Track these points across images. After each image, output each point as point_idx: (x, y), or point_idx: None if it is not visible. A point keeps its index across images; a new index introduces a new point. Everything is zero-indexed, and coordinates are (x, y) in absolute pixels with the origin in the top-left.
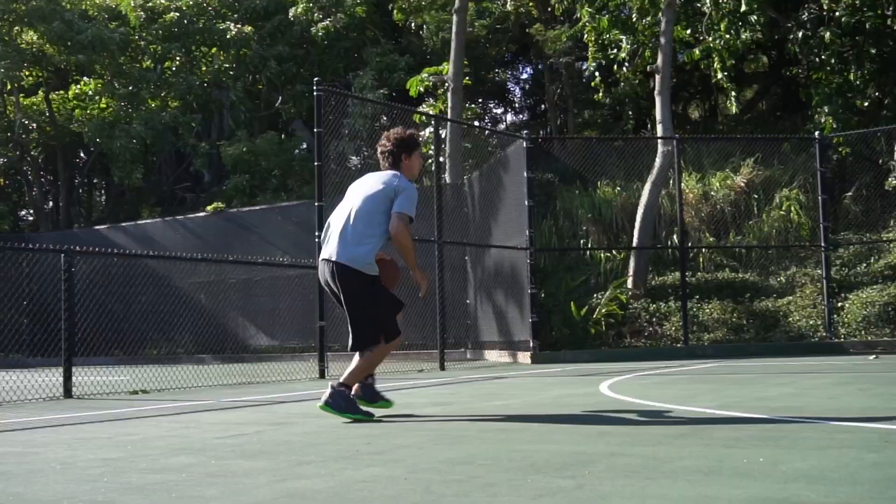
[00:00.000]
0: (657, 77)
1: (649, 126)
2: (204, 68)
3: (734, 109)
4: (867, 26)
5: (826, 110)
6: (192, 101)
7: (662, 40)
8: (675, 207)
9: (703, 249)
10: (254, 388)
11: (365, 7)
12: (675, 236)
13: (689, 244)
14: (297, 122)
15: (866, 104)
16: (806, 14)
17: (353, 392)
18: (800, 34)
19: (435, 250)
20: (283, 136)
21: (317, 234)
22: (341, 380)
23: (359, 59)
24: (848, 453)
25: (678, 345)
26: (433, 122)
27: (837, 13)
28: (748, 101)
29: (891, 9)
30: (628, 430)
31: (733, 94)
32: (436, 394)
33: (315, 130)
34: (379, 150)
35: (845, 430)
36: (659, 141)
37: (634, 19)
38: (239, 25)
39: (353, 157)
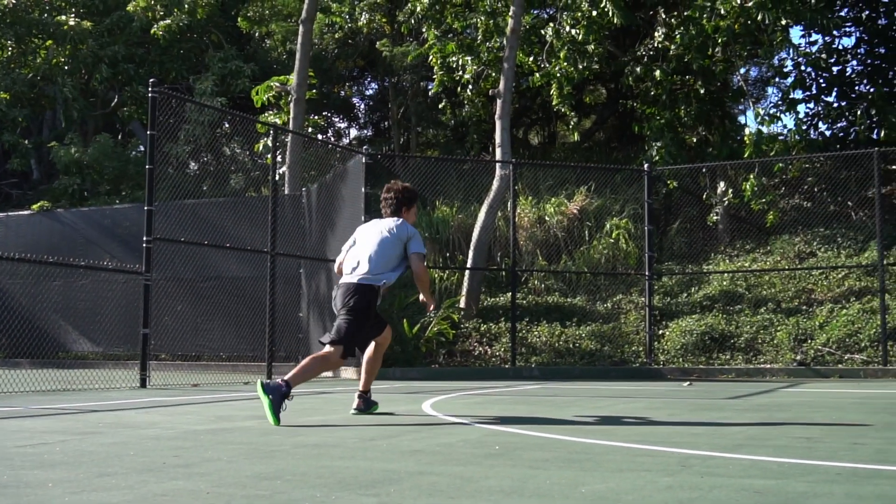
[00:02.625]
0: (499, 101)
1: (491, 149)
2: (39, 60)
3: (575, 137)
4: (694, 66)
5: (657, 144)
6: (22, 95)
7: (505, 66)
8: (510, 230)
9: (536, 273)
10: (69, 395)
11: (207, 9)
12: (508, 258)
13: (523, 267)
14: (136, 124)
15: (694, 140)
16: (642, 50)
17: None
18: (637, 69)
19: (267, 261)
20: (119, 136)
21: (145, 238)
22: (287, 376)
23: (201, 64)
24: (645, 476)
25: (506, 366)
26: (272, 132)
27: (671, 52)
28: (586, 130)
29: (718, 51)
30: (441, 449)
31: (574, 122)
32: (257, 407)
33: (148, 133)
34: (383, 198)
35: (648, 453)
36: (497, 164)
37: (479, 42)
38: (76, 19)
39: (192, 164)
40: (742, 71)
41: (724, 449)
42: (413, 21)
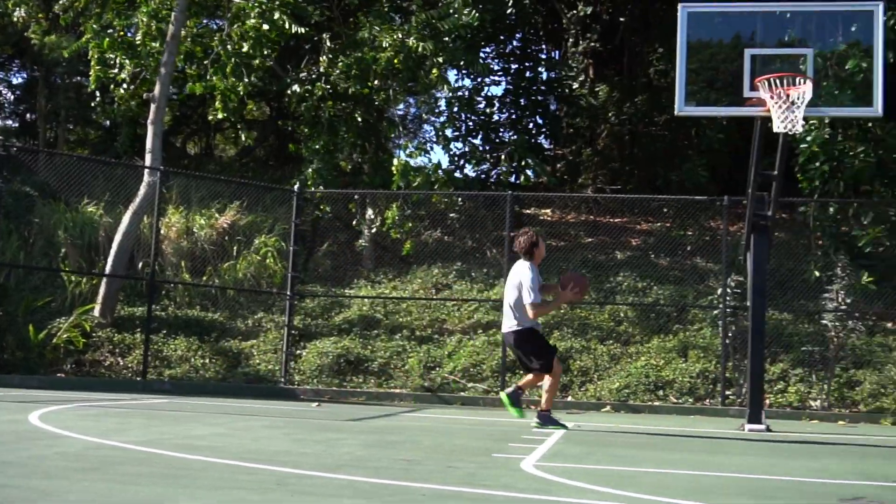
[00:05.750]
0: (153, 106)
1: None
2: None
3: (235, 151)
4: (351, 93)
5: (313, 166)
6: None
7: (163, 70)
8: (153, 239)
9: (180, 285)
10: None
11: None
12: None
13: (166, 278)
14: None
15: (349, 167)
16: (305, 72)
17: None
18: (299, 89)
19: None
20: None
21: None
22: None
23: None
24: (237, 494)
25: (137, 378)
26: None
27: (332, 77)
28: (246, 146)
29: (378, 82)
30: (32, 462)
31: (240, 135)
32: None
33: None
34: (516, 249)
35: (249, 471)
36: (146, 170)
37: (139, 43)
38: None
39: None
40: (403, 105)
41: (326, 469)
42: (71, 14)
